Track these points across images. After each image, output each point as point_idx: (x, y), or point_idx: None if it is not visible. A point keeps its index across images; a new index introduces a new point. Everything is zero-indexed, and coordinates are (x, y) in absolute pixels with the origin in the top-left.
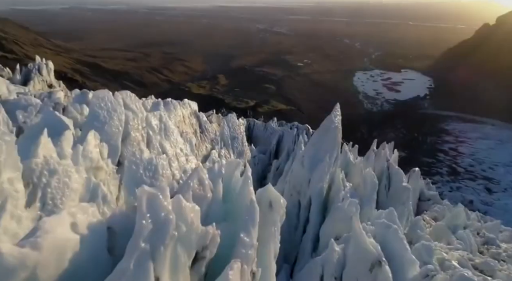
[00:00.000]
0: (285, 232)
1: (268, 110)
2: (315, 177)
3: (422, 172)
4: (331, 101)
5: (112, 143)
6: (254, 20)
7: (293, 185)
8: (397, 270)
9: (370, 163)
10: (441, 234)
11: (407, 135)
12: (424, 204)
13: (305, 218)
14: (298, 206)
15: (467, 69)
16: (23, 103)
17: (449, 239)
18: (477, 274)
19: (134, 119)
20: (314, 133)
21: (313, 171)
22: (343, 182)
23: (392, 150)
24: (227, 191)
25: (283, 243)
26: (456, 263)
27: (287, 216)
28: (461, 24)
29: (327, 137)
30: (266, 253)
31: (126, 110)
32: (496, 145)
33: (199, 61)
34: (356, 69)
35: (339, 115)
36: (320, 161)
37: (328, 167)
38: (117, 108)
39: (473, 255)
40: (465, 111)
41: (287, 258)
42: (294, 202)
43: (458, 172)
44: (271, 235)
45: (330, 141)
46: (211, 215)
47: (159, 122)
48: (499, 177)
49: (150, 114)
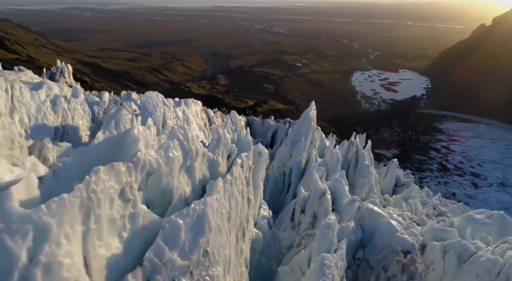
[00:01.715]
0: (273, 193)
1: (267, 109)
2: (295, 153)
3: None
4: (330, 101)
5: (156, 126)
6: (253, 20)
7: (280, 159)
8: (337, 198)
9: (343, 148)
10: (396, 203)
11: (401, 134)
12: (399, 189)
13: (288, 183)
14: (283, 174)
15: (464, 69)
16: (96, 100)
17: (401, 205)
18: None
19: (168, 112)
20: (295, 123)
21: (293, 149)
22: (316, 158)
23: (365, 141)
24: (239, 136)
25: (272, 200)
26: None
27: (275, 181)
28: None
29: (304, 125)
30: (257, 176)
31: (164, 105)
32: (487, 144)
33: (199, 61)
34: (355, 69)
35: (314, 110)
36: (298, 141)
37: (304, 146)
38: (159, 104)
39: (416, 216)
40: (460, 111)
41: (275, 210)
42: (280, 171)
43: (448, 168)
44: (260, 168)
45: (306, 128)
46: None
47: (182, 114)
48: (486, 173)
49: (177, 108)
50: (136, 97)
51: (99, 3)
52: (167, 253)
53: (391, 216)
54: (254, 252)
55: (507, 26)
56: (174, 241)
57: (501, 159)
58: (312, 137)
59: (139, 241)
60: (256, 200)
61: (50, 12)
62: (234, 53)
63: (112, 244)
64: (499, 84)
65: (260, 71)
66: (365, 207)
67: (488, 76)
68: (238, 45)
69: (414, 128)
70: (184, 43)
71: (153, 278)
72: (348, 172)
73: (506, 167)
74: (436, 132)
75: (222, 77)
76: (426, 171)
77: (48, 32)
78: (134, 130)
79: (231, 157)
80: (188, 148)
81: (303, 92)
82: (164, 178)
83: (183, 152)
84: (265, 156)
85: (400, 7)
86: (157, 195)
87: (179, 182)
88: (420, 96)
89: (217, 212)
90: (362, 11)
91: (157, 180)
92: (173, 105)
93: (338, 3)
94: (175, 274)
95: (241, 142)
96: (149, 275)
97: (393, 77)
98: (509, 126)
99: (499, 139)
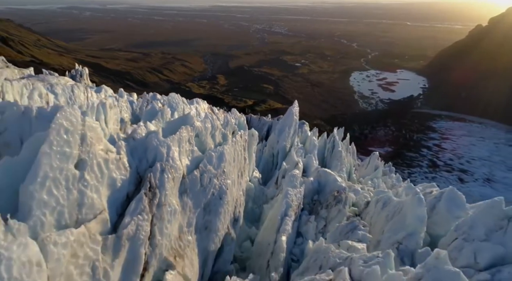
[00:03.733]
0: (265, 169)
1: (265, 109)
2: (281, 139)
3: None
4: (328, 101)
5: None
6: (253, 20)
7: (270, 145)
8: (308, 168)
9: (323, 139)
10: (365, 182)
11: (395, 133)
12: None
13: (276, 162)
14: (272, 156)
15: (460, 69)
16: (130, 99)
17: (367, 183)
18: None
19: (186, 109)
20: (282, 117)
21: (280, 137)
22: (297, 143)
23: (344, 135)
24: (239, 122)
25: (264, 175)
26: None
27: (266, 161)
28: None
29: (288, 119)
30: (251, 148)
31: (183, 103)
32: (478, 142)
33: (199, 61)
34: (353, 69)
35: (296, 107)
36: (283, 131)
37: (288, 134)
38: (179, 102)
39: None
40: (456, 111)
41: (266, 181)
42: (270, 153)
43: (438, 165)
44: (252, 144)
45: (289, 121)
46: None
47: (195, 110)
48: (474, 169)
49: (191, 106)
50: (159, 97)
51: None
52: (208, 166)
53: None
54: (248, 199)
55: (503, 27)
56: (210, 163)
57: (489, 156)
58: (294, 128)
59: (196, 161)
60: (250, 163)
61: (49, 11)
62: (233, 53)
63: (183, 162)
64: (494, 84)
65: (259, 71)
66: (322, 170)
67: (484, 76)
68: (238, 45)
69: (409, 127)
70: (183, 43)
71: (203, 175)
72: (326, 156)
73: (493, 163)
74: (430, 130)
75: (222, 77)
76: (416, 167)
77: (48, 32)
78: (191, 113)
79: (235, 133)
80: (213, 124)
81: (301, 92)
82: (202, 137)
83: (211, 125)
84: (256, 137)
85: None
86: (200, 144)
87: (208, 141)
88: (417, 96)
89: (228, 154)
90: (361, 11)
91: (199, 138)
92: (188, 103)
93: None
94: (211, 176)
95: (240, 125)
96: (202, 173)
97: (391, 77)
98: (501, 125)
99: (490, 137)
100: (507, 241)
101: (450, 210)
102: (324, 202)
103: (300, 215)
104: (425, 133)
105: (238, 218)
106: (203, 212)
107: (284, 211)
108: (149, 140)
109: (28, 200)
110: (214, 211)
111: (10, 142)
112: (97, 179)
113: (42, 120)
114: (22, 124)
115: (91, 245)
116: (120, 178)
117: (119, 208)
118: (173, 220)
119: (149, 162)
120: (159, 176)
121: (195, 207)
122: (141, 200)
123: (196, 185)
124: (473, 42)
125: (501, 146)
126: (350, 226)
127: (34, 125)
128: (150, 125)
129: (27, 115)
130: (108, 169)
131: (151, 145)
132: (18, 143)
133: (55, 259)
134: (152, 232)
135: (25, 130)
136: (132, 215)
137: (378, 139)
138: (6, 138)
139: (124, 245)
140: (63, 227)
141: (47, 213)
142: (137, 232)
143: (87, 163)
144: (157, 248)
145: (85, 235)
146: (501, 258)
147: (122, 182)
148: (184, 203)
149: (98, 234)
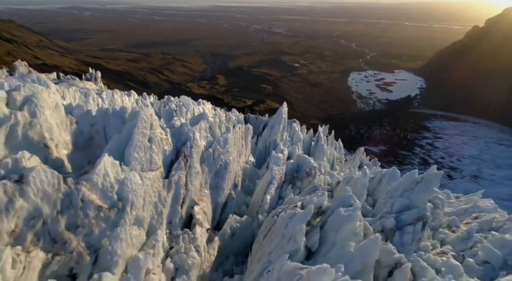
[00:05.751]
0: (259, 159)
1: (264, 109)
2: (272, 134)
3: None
4: (326, 101)
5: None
6: (252, 20)
7: (263, 138)
8: (291, 155)
9: (309, 134)
10: (343, 171)
11: (390, 132)
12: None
13: (268, 153)
14: (265, 147)
15: (458, 69)
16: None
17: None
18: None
19: (195, 109)
20: (273, 116)
21: (271, 131)
22: (286, 137)
23: (328, 131)
24: (238, 118)
25: (258, 163)
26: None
27: (260, 152)
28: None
29: (278, 117)
30: (247, 139)
31: (193, 104)
32: (470, 141)
33: (199, 61)
34: (351, 70)
35: (285, 107)
36: (274, 127)
37: (278, 130)
38: (190, 103)
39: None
40: (452, 111)
41: (260, 168)
42: (263, 146)
43: (429, 163)
44: (248, 135)
45: (279, 119)
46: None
47: (202, 110)
48: (463, 167)
49: (199, 106)
50: (173, 99)
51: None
52: (217, 146)
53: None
54: (245, 176)
55: (502, 27)
56: (219, 144)
57: (479, 155)
58: (284, 124)
59: (210, 143)
60: (246, 149)
61: (49, 11)
62: (233, 53)
63: (202, 143)
64: (493, 85)
65: (258, 72)
66: (301, 155)
67: (482, 76)
68: (237, 45)
69: (404, 127)
70: (183, 43)
71: (214, 152)
72: (311, 148)
73: (482, 161)
74: (424, 130)
75: (222, 78)
76: (408, 165)
77: (48, 32)
78: (206, 111)
79: (235, 126)
80: (220, 119)
81: (300, 92)
82: (213, 128)
83: (219, 120)
84: (251, 130)
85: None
86: (211, 132)
87: (217, 131)
88: (414, 96)
89: (231, 139)
90: (360, 12)
91: (211, 129)
92: (197, 104)
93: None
94: (219, 153)
95: (239, 121)
96: (213, 150)
97: (388, 77)
98: (494, 125)
99: (482, 136)
100: (412, 196)
101: (389, 183)
102: (300, 177)
103: (281, 185)
104: (419, 132)
105: (237, 185)
106: (214, 176)
107: (270, 180)
108: (182, 128)
109: (128, 156)
110: (221, 176)
111: (98, 130)
112: (157, 149)
113: (117, 116)
114: (104, 119)
115: (158, 183)
116: (168, 150)
117: (168, 166)
118: (197, 177)
119: (183, 141)
120: (189, 150)
121: (209, 172)
122: (180, 163)
123: (210, 158)
124: (471, 42)
125: (492, 145)
126: (313, 189)
127: (111, 119)
128: (182, 119)
129: (107, 113)
130: (162, 144)
131: (183, 131)
132: (102, 130)
133: (146, 185)
134: (186, 182)
135: (106, 123)
136: (176, 171)
137: (374, 138)
138: (96, 127)
139: (172, 186)
140: (144, 171)
141: (137, 163)
142: (179, 180)
143: (153, 139)
144: (189, 192)
145: (155, 177)
146: (406, 206)
147: (169, 152)
148: (203, 168)
149: (160, 178)
